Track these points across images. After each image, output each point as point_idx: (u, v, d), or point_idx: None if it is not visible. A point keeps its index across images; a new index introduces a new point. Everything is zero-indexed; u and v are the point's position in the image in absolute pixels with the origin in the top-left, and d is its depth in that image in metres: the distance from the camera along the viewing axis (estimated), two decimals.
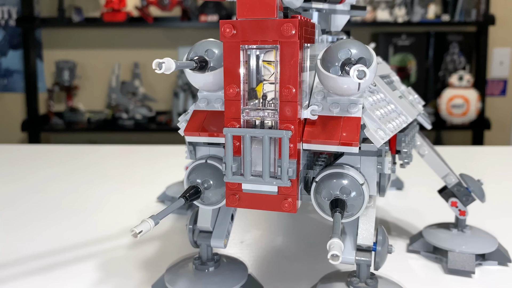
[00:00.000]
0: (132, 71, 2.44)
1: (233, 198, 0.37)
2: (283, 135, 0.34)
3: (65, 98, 2.48)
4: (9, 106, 2.59)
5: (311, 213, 0.67)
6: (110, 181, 0.87)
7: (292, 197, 0.35)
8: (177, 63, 0.32)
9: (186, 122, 0.40)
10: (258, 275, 0.48)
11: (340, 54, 0.35)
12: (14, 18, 2.47)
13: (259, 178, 0.35)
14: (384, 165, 0.40)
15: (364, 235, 0.40)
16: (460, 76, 2.29)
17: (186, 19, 2.29)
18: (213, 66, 0.38)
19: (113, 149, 1.20)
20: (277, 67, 0.34)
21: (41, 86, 2.51)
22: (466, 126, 2.35)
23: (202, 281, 0.44)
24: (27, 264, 0.53)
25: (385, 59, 1.15)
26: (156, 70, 0.31)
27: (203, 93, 0.40)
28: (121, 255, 0.55)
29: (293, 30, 0.32)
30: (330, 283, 0.43)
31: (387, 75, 0.52)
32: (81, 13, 2.32)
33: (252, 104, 0.35)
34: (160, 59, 0.31)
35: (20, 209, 0.72)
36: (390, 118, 0.41)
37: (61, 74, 2.41)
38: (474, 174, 0.56)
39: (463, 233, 0.54)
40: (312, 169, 0.40)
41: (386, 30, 2.39)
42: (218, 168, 0.40)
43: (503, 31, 2.43)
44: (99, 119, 2.43)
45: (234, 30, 0.33)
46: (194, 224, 0.46)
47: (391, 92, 0.46)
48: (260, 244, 0.58)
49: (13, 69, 2.55)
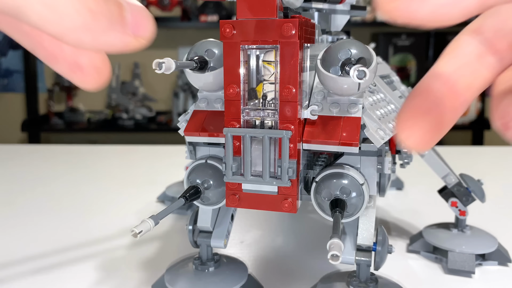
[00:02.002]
0: (132, 71, 2.44)
1: (233, 198, 0.37)
2: (283, 135, 0.34)
3: (65, 98, 2.49)
4: (9, 106, 2.59)
5: (311, 213, 0.67)
6: (110, 181, 0.87)
7: (292, 197, 0.35)
8: (177, 63, 0.32)
9: (186, 122, 0.40)
10: (258, 275, 0.48)
11: (340, 54, 0.35)
12: None
13: (259, 178, 0.35)
14: (384, 165, 0.40)
15: (364, 235, 0.40)
16: None
17: (186, 19, 2.29)
18: (213, 66, 0.38)
19: (113, 149, 1.20)
20: (277, 67, 0.34)
21: (41, 86, 2.51)
22: (466, 126, 2.35)
23: (202, 281, 0.44)
24: (27, 264, 0.53)
25: (385, 59, 1.14)
26: (156, 70, 0.31)
27: (203, 93, 0.40)
28: (121, 255, 0.55)
29: (293, 30, 0.32)
30: (330, 283, 0.43)
31: (387, 75, 0.52)
32: None
33: (252, 104, 0.35)
34: (160, 59, 0.31)
35: (20, 209, 0.72)
36: (390, 118, 0.41)
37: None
38: (474, 174, 0.56)
39: (463, 233, 0.54)
40: (312, 169, 0.40)
41: (386, 30, 2.39)
42: (218, 168, 0.40)
43: None
44: (99, 119, 2.43)
45: (234, 30, 0.33)
46: (194, 224, 0.46)
47: (391, 92, 0.46)
48: (260, 244, 0.58)
49: (13, 69, 2.55)
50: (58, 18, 0.17)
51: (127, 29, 0.19)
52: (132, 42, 0.19)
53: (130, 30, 0.19)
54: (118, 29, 0.19)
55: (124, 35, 0.19)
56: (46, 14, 0.17)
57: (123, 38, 0.19)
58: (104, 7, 0.18)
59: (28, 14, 0.16)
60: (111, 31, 0.18)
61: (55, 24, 0.17)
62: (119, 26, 0.19)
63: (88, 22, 0.18)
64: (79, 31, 0.18)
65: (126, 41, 0.19)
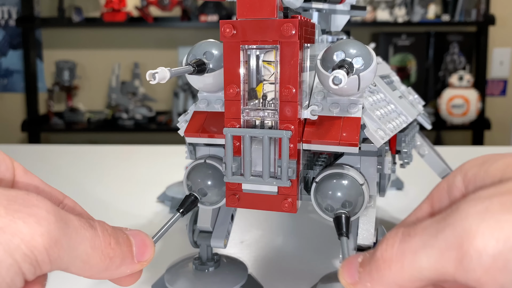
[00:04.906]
0: (132, 71, 2.44)
1: (233, 198, 0.37)
2: (283, 135, 0.34)
3: (65, 98, 2.49)
4: (9, 106, 2.59)
5: (311, 213, 0.67)
6: (110, 181, 0.87)
7: (292, 197, 0.35)
8: (172, 71, 0.31)
9: (185, 123, 0.40)
10: (258, 275, 0.48)
11: (335, 55, 0.35)
12: (14, 18, 2.47)
13: (259, 178, 0.35)
14: (384, 165, 0.40)
15: (364, 235, 0.40)
16: (460, 76, 2.29)
17: (186, 19, 2.29)
18: (212, 67, 0.38)
19: (113, 149, 1.20)
20: (277, 67, 0.34)
21: (41, 86, 2.51)
22: (466, 126, 2.35)
23: (202, 281, 0.44)
24: None
25: (385, 59, 1.14)
26: (150, 81, 0.30)
27: (203, 94, 0.40)
28: None
29: (293, 30, 0.32)
30: (330, 283, 0.43)
31: (387, 75, 0.52)
32: (81, 13, 2.32)
33: (252, 104, 0.35)
34: (153, 70, 0.30)
35: None
36: (390, 118, 0.41)
37: (61, 74, 2.41)
38: None
39: None
40: (312, 169, 0.40)
41: (386, 30, 2.39)
42: (217, 167, 0.40)
43: (503, 31, 2.43)
44: (99, 119, 2.43)
45: (234, 30, 0.33)
46: (194, 224, 0.46)
47: (391, 92, 0.46)
48: (260, 244, 0.58)
49: (13, 69, 2.55)
50: (89, 268, 0.24)
51: (134, 259, 0.26)
52: (137, 267, 0.27)
53: (136, 260, 0.26)
54: (128, 262, 0.26)
55: (132, 265, 0.26)
56: (82, 266, 0.24)
57: (130, 267, 0.26)
58: (119, 251, 0.25)
59: (72, 269, 0.24)
60: (123, 265, 0.26)
61: (87, 271, 0.25)
62: (129, 260, 0.26)
63: (107, 265, 0.25)
64: (101, 272, 0.25)
65: (133, 268, 0.26)
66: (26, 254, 0.21)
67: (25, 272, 0.21)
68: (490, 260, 0.19)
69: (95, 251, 0.24)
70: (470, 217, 0.20)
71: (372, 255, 0.24)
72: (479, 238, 0.19)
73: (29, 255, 0.21)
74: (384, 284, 0.23)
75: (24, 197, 0.23)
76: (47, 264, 0.22)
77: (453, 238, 0.20)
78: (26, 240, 0.21)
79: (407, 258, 0.22)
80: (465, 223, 0.20)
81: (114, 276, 0.26)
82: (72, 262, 0.24)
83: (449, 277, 0.21)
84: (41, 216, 0.22)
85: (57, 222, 0.23)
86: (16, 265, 0.21)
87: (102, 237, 0.25)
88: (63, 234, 0.23)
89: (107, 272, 0.25)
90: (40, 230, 0.22)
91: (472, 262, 0.20)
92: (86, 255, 0.24)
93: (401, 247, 0.23)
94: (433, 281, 0.22)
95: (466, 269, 0.20)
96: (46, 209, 0.23)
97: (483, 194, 0.21)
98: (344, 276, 0.26)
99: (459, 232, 0.20)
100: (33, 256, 0.21)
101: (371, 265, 0.24)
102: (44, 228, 0.22)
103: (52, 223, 0.22)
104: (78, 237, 0.24)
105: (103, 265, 0.25)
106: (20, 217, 0.22)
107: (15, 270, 0.21)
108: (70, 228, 0.24)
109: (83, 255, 0.24)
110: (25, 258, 0.21)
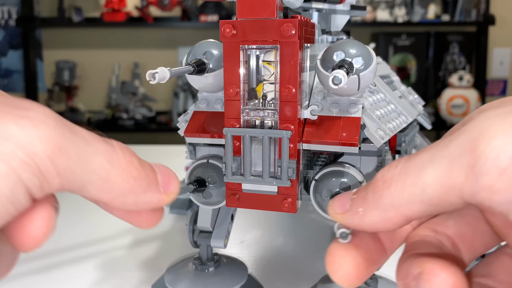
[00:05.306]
0: (132, 71, 2.44)
1: (233, 198, 0.37)
2: (283, 135, 0.34)
3: (65, 98, 2.48)
4: None
5: (311, 213, 0.67)
6: None
7: (292, 197, 0.35)
8: (172, 71, 0.32)
9: (185, 123, 0.40)
10: (258, 275, 0.48)
11: (335, 55, 0.35)
12: (14, 18, 2.47)
13: (259, 178, 0.35)
14: (384, 165, 0.40)
15: None
16: (460, 76, 2.29)
17: (186, 19, 2.29)
18: (212, 67, 0.38)
19: None
20: (277, 67, 0.34)
21: (41, 86, 2.51)
22: None
23: (202, 281, 0.44)
24: (27, 264, 0.53)
25: (385, 59, 1.14)
26: (150, 81, 0.30)
27: (203, 94, 0.40)
28: (121, 255, 0.55)
29: (293, 30, 0.32)
30: (330, 283, 0.43)
31: (387, 75, 0.52)
32: (81, 13, 2.32)
33: (252, 104, 0.35)
34: (152, 70, 0.30)
35: None
36: (390, 118, 0.41)
37: (61, 74, 2.41)
38: None
39: None
40: (312, 169, 0.40)
41: (386, 30, 2.39)
42: (219, 167, 0.40)
43: (503, 31, 2.43)
44: (99, 119, 2.43)
45: (234, 30, 0.33)
46: (194, 224, 0.46)
47: (391, 92, 0.46)
48: (260, 244, 0.58)
49: (13, 69, 2.55)
50: (110, 187, 0.21)
51: (160, 188, 0.23)
52: (164, 197, 0.23)
53: (162, 189, 0.23)
54: (154, 189, 0.23)
55: (158, 193, 0.23)
56: (101, 185, 0.20)
57: (157, 196, 0.23)
58: (143, 173, 0.22)
59: (89, 189, 0.21)
60: (149, 191, 0.23)
61: (108, 192, 0.21)
62: (154, 187, 0.23)
63: (132, 186, 0.22)
64: (125, 194, 0.21)
65: (160, 198, 0.23)
66: (25, 161, 0.17)
67: (28, 184, 0.18)
68: (508, 160, 0.17)
69: (114, 167, 0.21)
70: (490, 119, 0.18)
71: (371, 181, 0.22)
72: (498, 137, 0.17)
73: (29, 163, 0.18)
74: (379, 206, 0.21)
75: (14, 100, 0.19)
76: (54, 176, 0.19)
77: (467, 142, 0.18)
78: (21, 144, 0.17)
79: (411, 175, 0.19)
80: (483, 125, 0.18)
81: (140, 202, 0.22)
82: (89, 178, 0.20)
83: (455, 193, 0.18)
84: (37, 119, 0.18)
85: (58, 128, 0.19)
86: (14, 174, 0.17)
87: (121, 154, 0.21)
88: (69, 141, 0.19)
89: (132, 196, 0.22)
90: (38, 134, 0.18)
91: (486, 164, 0.17)
92: (104, 170, 0.20)
93: (405, 165, 0.20)
94: (433, 206, 0.19)
95: (477, 174, 0.17)
96: (42, 113, 0.19)
97: (502, 108, 0.19)
98: (333, 206, 0.23)
99: (475, 134, 0.18)
100: (33, 164, 0.18)
101: (368, 189, 0.22)
102: (42, 132, 0.18)
103: (52, 127, 0.19)
104: (89, 149, 0.20)
105: (127, 185, 0.21)
106: (10, 119, 0.18)
107: (14, 180, 0.17)
108: (77, 137, 0.20)
109: (100, 169, 0.20)
110: (24, 166, 0.17)
